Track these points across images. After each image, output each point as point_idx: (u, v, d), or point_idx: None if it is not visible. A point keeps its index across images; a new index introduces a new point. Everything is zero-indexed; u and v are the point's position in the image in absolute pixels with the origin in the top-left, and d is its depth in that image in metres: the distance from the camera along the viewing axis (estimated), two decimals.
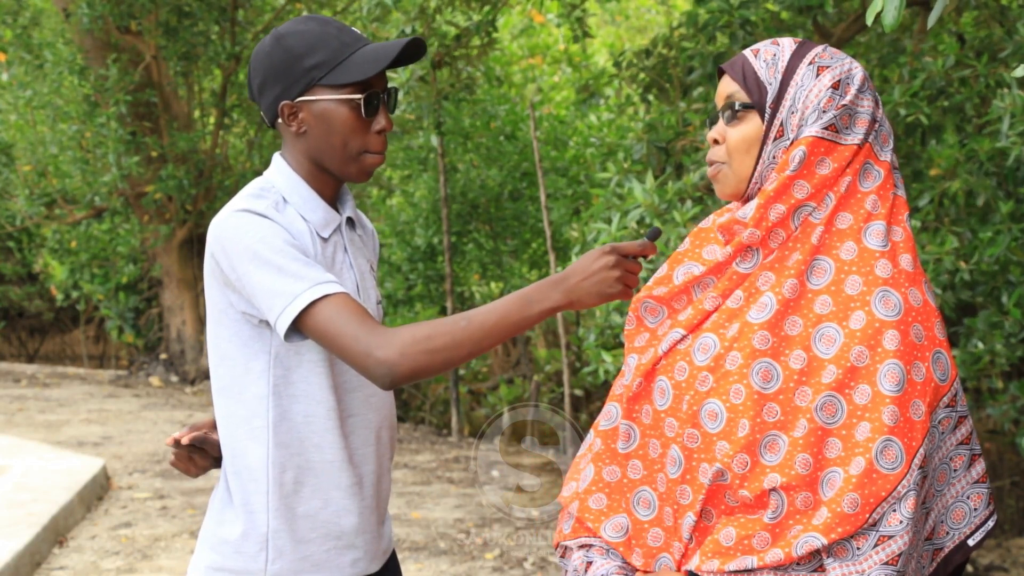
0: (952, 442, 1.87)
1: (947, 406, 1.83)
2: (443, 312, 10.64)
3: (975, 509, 1.88)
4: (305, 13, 11.16)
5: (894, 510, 1.77)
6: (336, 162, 2.15)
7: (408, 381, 2.01)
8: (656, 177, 4.84)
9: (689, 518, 1.87)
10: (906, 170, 5.67)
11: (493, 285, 11.58)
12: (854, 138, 1.88)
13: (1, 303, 14.04)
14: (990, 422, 7.28)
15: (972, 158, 4.70)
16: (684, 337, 1.93)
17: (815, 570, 1.80)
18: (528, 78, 12.37)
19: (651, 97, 6.22)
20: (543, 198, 8.41)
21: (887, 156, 1.90)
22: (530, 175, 10.31)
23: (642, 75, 6.17)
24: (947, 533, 1.88)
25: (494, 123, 10.70)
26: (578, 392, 9.65)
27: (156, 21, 10.07)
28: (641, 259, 2.05)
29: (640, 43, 10.27)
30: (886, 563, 1.76)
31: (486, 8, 5.94)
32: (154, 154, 10.61)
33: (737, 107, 1.92)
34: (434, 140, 7.97)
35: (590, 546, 2.00)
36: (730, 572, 1.81)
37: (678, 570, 1.90)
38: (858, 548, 1.77)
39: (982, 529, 1.88)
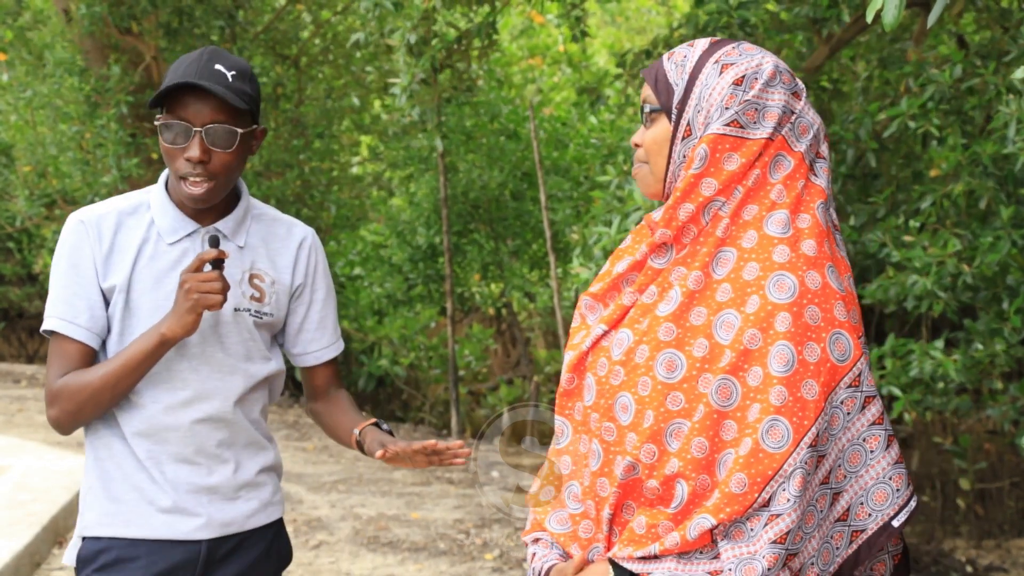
0: (863, 422, 1.86)
1: (849, 386, 1.83)
2: (443, 312, 10.64)
3: (897, 490, 1.87)
4: (305, 14, 11.18)
5: (783, 489, 1.77)
6: (172, 181, 2.36)
7: (67, 430, 2.31)
8: None
9: (606, 511, 1.90)
10: (906, 171, 5.66)
11: (493, 286, 11.57)
12: (763, 132, 1.89)
13: (1, 303, 14.03)
14: (990, 422, 7.28)
15: (974, 161, 4.69)
16: (606, 333, 1.97)
17: (715, 557, 1.81)
18: (528, 79, 12.36)
19: None
20: (543, 199, 8.40)
21: (802, 146, 1.91)
22: (531, 175, 10.30)
23: (642, 75, 6.18)
24: (869, 515, 1.86)
25: (495, 123, 10.69)
26: None
27: (157, 22, 10.07)
28: (223, 262, 2.25)
29: (640, 44, 10.27)
30: (774, 541, 1.76)
31: (485, 8, 5.93)
32: (154, 156, 10.60)
33: (648, 110, 1.98)
34: (438, 143, 7.99)
35: (539, 540, 2.03)
36: (638, 559, 1.84)
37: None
38: (751, 529, 1.78)
39: (905, 510, 1.87)
